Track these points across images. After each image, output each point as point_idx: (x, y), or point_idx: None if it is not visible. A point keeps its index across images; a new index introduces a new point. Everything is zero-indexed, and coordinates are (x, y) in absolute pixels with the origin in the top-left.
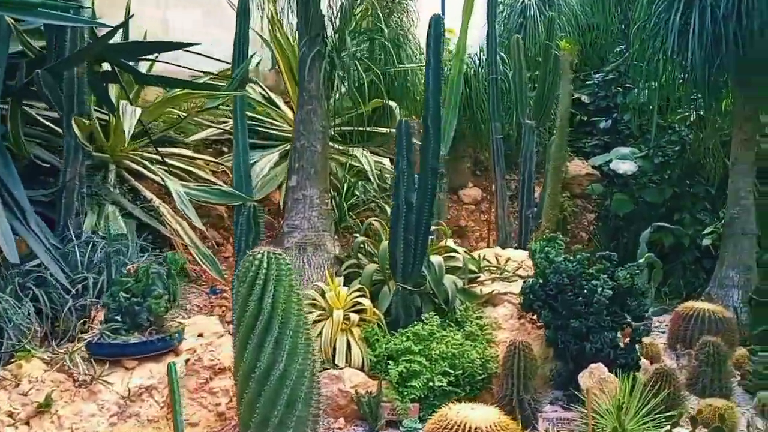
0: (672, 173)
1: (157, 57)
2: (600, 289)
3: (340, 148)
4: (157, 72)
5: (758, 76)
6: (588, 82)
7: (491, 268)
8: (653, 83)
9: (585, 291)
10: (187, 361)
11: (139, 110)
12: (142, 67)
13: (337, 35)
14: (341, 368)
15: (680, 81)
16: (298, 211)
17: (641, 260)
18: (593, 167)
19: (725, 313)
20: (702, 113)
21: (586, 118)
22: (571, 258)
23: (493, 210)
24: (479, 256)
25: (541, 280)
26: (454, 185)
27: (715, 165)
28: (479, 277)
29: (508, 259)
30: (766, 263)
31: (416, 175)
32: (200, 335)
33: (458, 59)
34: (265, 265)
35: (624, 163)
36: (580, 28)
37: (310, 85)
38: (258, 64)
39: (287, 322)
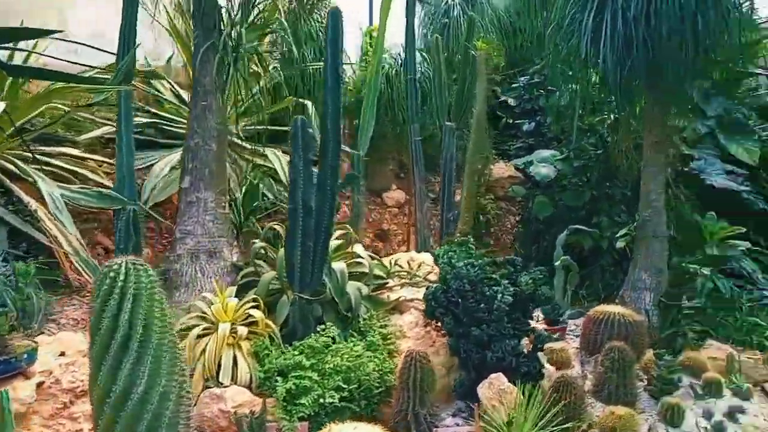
0: (591, 176)
1: (34, 48)
2: (500, 295)
3: (249, 147)
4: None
5: (666, 80)
6: (514, 85)
7: (402, 273)
8: (572, 86)
9: (486, 297)
10: (40, 384)
11: (1, 104)
12: (18, 58)
13: (237, 27)
14: (225, 386)
15: (596, 84)
16: (191, 216)
17: (557, 263)
18: (517, 169)
19: (635, 317)
20: (617, 116)
21: (511, 121)
22: (474, 263)
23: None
24: (391, 261)
25: (444, 287)
26: (377, 187)
27: (631, 168)
28: (388, 283)
29: (421, 264)
30: (675, 266)
31: (315, 176)
32: (62, 354)
33: (376, 59)
34: (122, 277)
35: (544, 166)
36: (504, 30)
37: (205, 79)
38: (170, 59)
39: (148, 340)
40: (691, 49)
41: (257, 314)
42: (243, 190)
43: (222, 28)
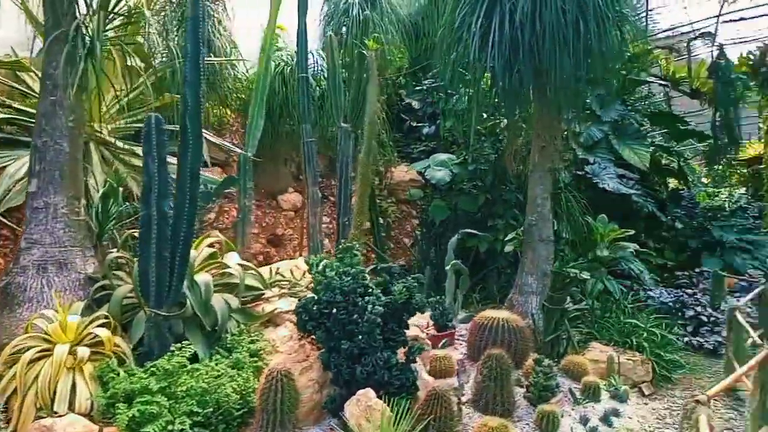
0: (486, 180)
1: None
2: (371, 306)
3: (126, 147)
4: None
5: (552, 85)
6: (418, 88)
7: (283, 283)
8: (468, 90)
9: (358, 308)
10: None
11: None
12: None
13: (93, 14)
14: (60, 416)
15: (487, 87)
16: (38, 223)
17: (447, 267)
18: (418, 173)
19: (518, 322)
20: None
21: (415, 124)
22: (349, 271)
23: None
24: (271, 269)
25: (315, 298)
26: (273, 190)
27: (523, 172)
28: (264, 294)
29: (306, 272)
30: (558, 270)
31: (172, 180)
32: None
33: (265, 54)
34: None
35: (439, 170)
36: (407, 32)
37: (55, 71)
38: (41, 51)
39: None
40: (574, 55)
41: (103, 333)
42: (100, 194)
43: (76, 16)
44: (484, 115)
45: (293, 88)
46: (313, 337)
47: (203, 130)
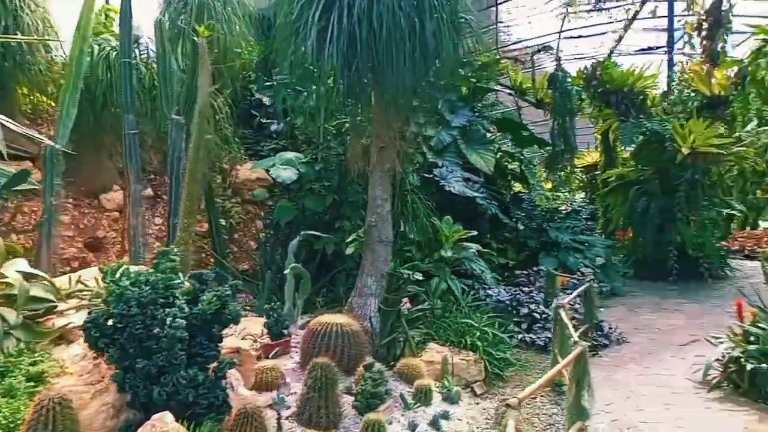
0: (333, 180)
1: None
2: (170, 319)
3: None
4: None
5: (391, 85)
6: (268, 83)
7: (84, 293)
8: (315, 86)
9: (158, 322)
10: None
11: None
12: None
13: None
14: None
15: (329, 84)
16: None
17: (287, 271)
18: (267, 171)
19: (353, 326)
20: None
21: (265, 120)
22: (149, 279)
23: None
24: (71, 278)
25: (108, 311)
26: (95, 187)
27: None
28: (57, 306)
29: None
30: (392, 272)
31: None
32: None
33: (80, 36)
34: None
35: (285, 169)
36: (255, 25)
37: None
38: None
39: None
40: (410, 54)
41: None
42: None
43: None
44: (329, 114)
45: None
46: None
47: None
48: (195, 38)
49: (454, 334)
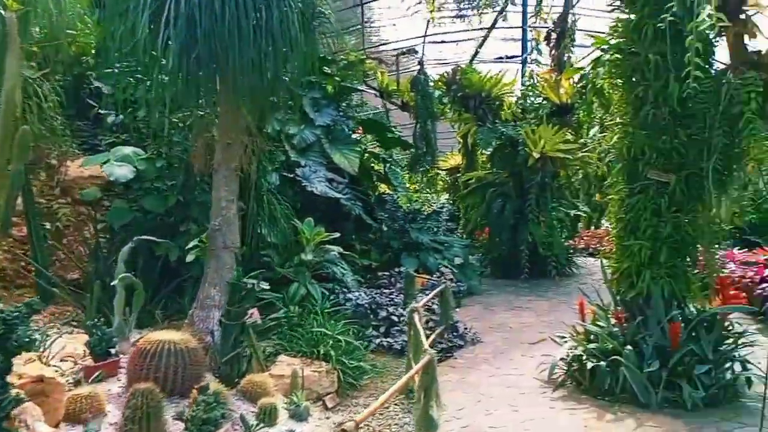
0: (177, 179)
1: None
2: None
3: None
4: None
5: (234, 77)
6: (109, 70)
7: None
8: (155, 75)
9: None
10: None
11: None
12: None
13: None
14: None
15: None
16: None
17: (116, 282)
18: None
19: (189, 343)
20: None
21: (103, 111)
22: None
23: None
24: None
25: None
26: None
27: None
28: None
29: None
30: (235, 281)
31: None
32: None
33: None
34: None
35: (120, 166)
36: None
37: None
38: None
39: None
40: (254, 44)
41: None
42: None
43: None
44: (181, 106)
45: None
46: None
47: None
48: (2, 11)
49: (306, 344)
